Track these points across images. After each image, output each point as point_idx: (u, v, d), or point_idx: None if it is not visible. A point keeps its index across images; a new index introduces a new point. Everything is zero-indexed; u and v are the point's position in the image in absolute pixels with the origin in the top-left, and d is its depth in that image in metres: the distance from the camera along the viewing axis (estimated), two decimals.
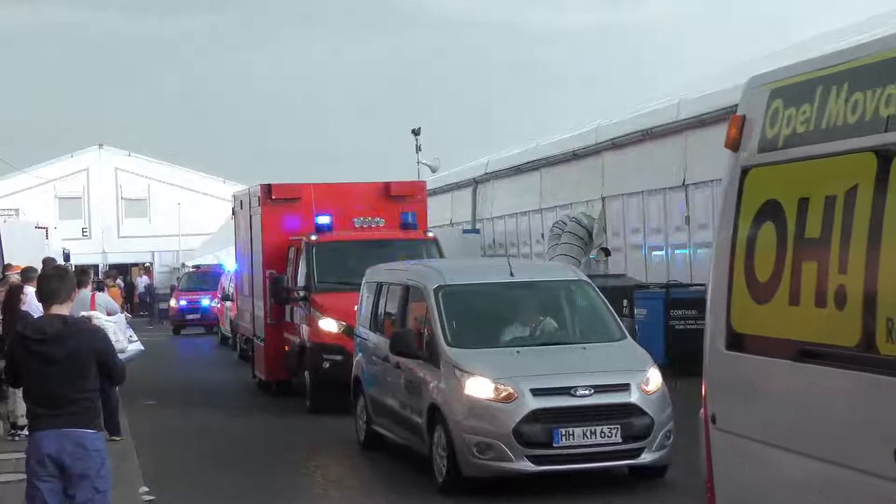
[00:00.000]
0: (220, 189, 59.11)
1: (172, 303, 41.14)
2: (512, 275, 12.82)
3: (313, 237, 18.94)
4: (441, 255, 19.13)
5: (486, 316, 12.86)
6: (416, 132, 36.81)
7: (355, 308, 16.06)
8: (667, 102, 23.64)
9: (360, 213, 19.90)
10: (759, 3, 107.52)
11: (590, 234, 26.12)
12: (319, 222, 19.13)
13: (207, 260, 44.15)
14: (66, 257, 36.47)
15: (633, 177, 24.62)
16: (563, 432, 11.02)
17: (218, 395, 21.94)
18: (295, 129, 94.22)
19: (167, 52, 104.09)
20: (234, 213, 24.54)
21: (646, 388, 11.40)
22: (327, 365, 17.51)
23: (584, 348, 12.13)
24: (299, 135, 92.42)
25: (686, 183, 22.29)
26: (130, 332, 14.95)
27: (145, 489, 12.18)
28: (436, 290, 12.50)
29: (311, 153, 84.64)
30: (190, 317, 39.57)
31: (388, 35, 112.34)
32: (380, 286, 14.49)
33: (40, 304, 8.35)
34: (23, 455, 8.14)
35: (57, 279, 7.88)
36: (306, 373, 18.31)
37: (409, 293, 13.28)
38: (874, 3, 22.42)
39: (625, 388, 11.33)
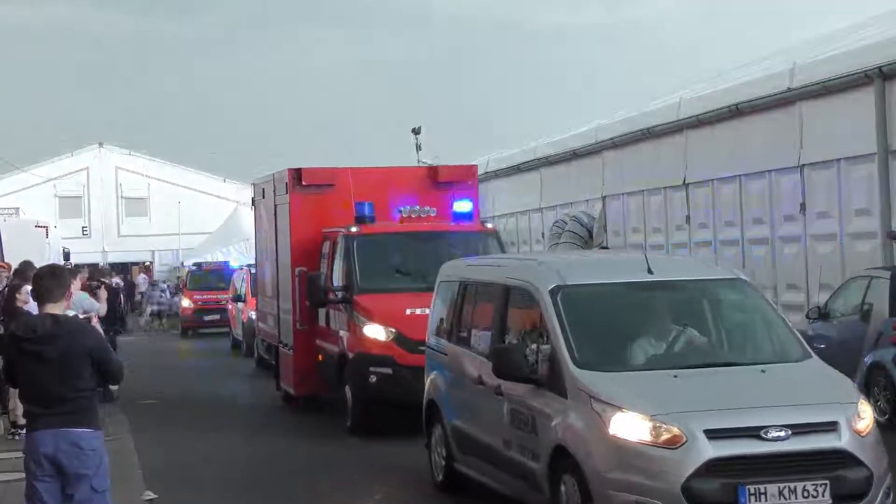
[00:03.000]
0: (220, 188, 59.19)
1: (185, 303, 38.31)
2: (650, 272, 9.76)
3: (354, 229, 16.28)
4: (503, 251, 16.89)
5: (621, 326, 9.70)
6: (416, 131, 36.75)
7: (407, 312, 14.69)
8: (667, 101, 23.63)
9: (405, 201, 17.17)
10: (760, 2, 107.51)
11: (590, 233, 26.10)
12: (360, 211, 16.59)
13: (215, 257, 43.37)
14: (67, 256, 36.44)
15: (634, 176, 24.62)
16: (753, 491, 8.14)
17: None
18: (295, 128, 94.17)
19: (167, 50, 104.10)
20: (253, 203, 21.73)
21: (857, 427, 8.51)
22: (374, 379, 14.96)
23: (763, 371, 9.08)
24: (299, 134, 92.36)
25: (686, 182, 22.28)
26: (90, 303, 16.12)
27: (150, 494, 12.15)
28: (552, 293, 9.51)
29: (312, 152, 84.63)
30: (208, 318, 36.68)
31: (388, 35, 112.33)
32: (463, 286, 11.54)
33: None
34: (22, 454, 8.14)
35: (51, 278, 7.83)
36: (347, 388, 15.71)
37: (509, 296, 10.29)
38: (874, 3, 22.43)
39: (832, 427, 8.42)
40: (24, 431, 13.26)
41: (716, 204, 21.36)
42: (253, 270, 29.14)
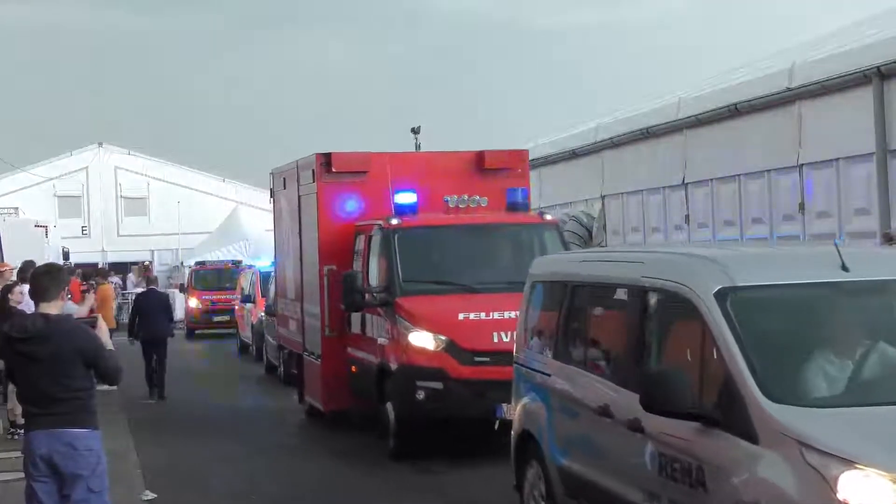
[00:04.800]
0: (219, 188, 59.17)
1: (192, 303, 37.26)
2: (845, 269, 7.19)
3: (394, 221, 14.38)
4: (566, 247, 15.10)
5: (817, 343, 7.03)
6: (415, 131, 36.71)
7: (459, 317, 13.15)
8: (666, 101, 23.63)
9: (448, 190, 15.28)
10: (760, 2, 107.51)
11: (589, 232, 26.09)
12: (401, 201, 14.74)
13: (217, 256, 43.12)
14: (66, 256, 36.42)
15: (633, 175, 24.62)
16: None
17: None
18: (295, 128, 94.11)
19: (167, 50, 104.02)
20: (272, 195, 19.68)
21: None
22: (421, 395, 13.15)
23: None
24: (299, 134, 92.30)
25: (686, 182, 22.28)
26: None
27: (149, 494, 12.14)
28: (719, 298, 6.96)
29: (311, 151, 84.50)
30: (217, 319, 35.59)
31: (388, 34, 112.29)
32: (570, 287, 9.11)
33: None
34: (21, 454, 8.13)
35: (47, 277, 7.80)
36: (388, 404, 13.82)
37: (649, 301, 7.81)
38: (873, 3, 22.41)
39: None
40: (22, 431, 13.32)
41: (715, 204, 21.37)
42: (260, 270, 28.93)
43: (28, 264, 16.44)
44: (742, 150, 20.13)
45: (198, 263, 41.77)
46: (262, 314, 25.62)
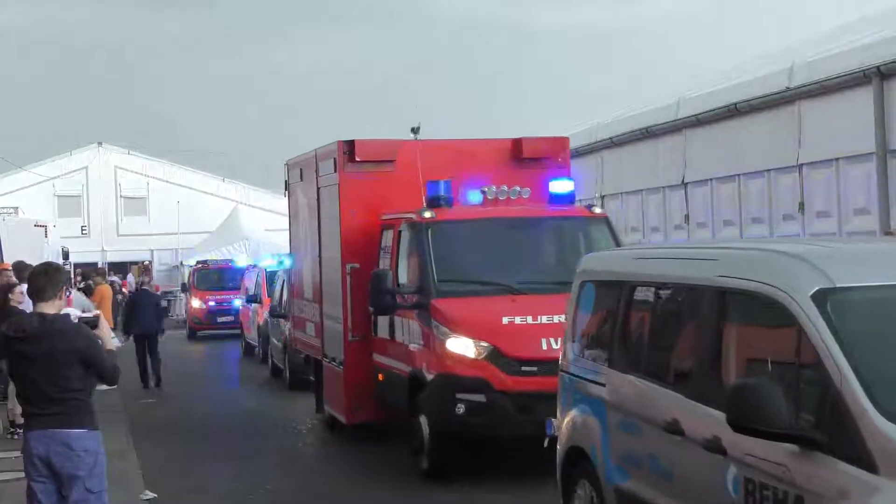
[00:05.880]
0: (219, 188, 59.17)
1: (196, 303, 36.75)
2: None
3: (427, 214, 13.06)
4: (617, 242, 13.66)
5: None
6: (414, 130, 36.68)
7: (504, 321, 11.83)
8: (666, 101, 23.62)
9: (483, 181, 14.00)
10: (760, 2, 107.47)
11: None
12: (434, 192, 13.35)
13: (216, 255, 43.00)
14: (66, 255, 36.42)
15: (632, 175, 24.62)
16: None
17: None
18: (295, 127, 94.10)
19: (167, 49, 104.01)
20: (287, 188, 18.25)
21: None
22: (462, 409, 11.74)
23: None
24: (299, 133, 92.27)
25: (686, 181, 22.28)
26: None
27: (149, 494, 12.14)
28: (817, 301, 6.01)
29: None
30: (221, 320, 35.25)
31: (388, 34, 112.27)
32: (628, 288, 8.17)
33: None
34: (21, 454, 8.13)
35: (44, 276, 7.77)
36: (422, 418, 12.46)
37: (727, 304, 6.86)
38: (873, 3, 22.40)
39: None
40: (21, 431, 13.32)
41: (715, 203, 21.36)
42: (266, 270, 28.68)
43: (20, 264, 16.44)
44: (742, 150, 20.13)
45: (200, 262, 41.41)
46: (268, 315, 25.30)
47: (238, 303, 32.47)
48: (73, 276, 37.39)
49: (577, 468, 8.36)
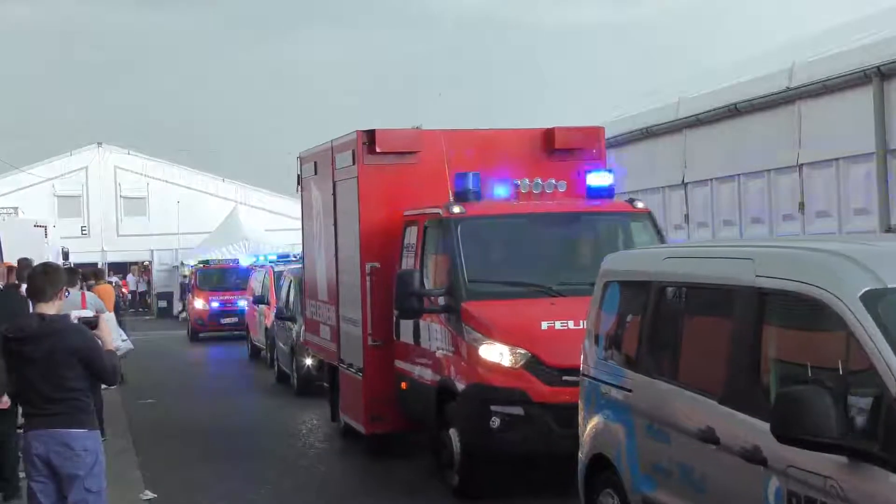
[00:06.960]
0: (219, 188, 59.19)
1: (199, 304, 35.91)
2: None
3: (456, 209, 12.02)
4: (662, 239, 12.88)
5: None
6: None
7: (542, 326, 10.85)
8: (666, 101, 23.63)
9: (514, 174, 13.02)
10: (760, 2, 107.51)
11: None
12: (462, 185, 12.41)
13: (217, 255, 42.85)
14: (66, 256, 36.40)
15: (632, 175, 24.61)
16: None
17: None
18: (295, 127, 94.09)
19: (167, 49, 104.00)
20: (299, 182, 17.21)
21: None
22: (497, 423, 10.72)
23: None
24: (299, 133, 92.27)
25: (686, 181, 22.28)
26: (120, 330, 15.05)
27: (149, 494, 12.14)
28: (867, 302, 5.62)
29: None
30: (226, 321, 34.49)
31: (388, 33, 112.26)
32: (656, 288, 7.70)
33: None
34: (21, 454, 8.13)
35: (43, 277, 7.78)
36: (452, 431, 11.53)
37: (766, 306, 6.40)
38: (873, 2, 22.39)
39: None
40: (21, 431, 13.32)
41: (715, 203, 21.37)
42: (275, 268, 28.17)
43: (24, 261, 16.42)
44: (742, 150, 20.13)
45: (202, 262, 40.85)
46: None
47: (244, 303, 31.62)
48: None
49: (600, 477, 7.98)
